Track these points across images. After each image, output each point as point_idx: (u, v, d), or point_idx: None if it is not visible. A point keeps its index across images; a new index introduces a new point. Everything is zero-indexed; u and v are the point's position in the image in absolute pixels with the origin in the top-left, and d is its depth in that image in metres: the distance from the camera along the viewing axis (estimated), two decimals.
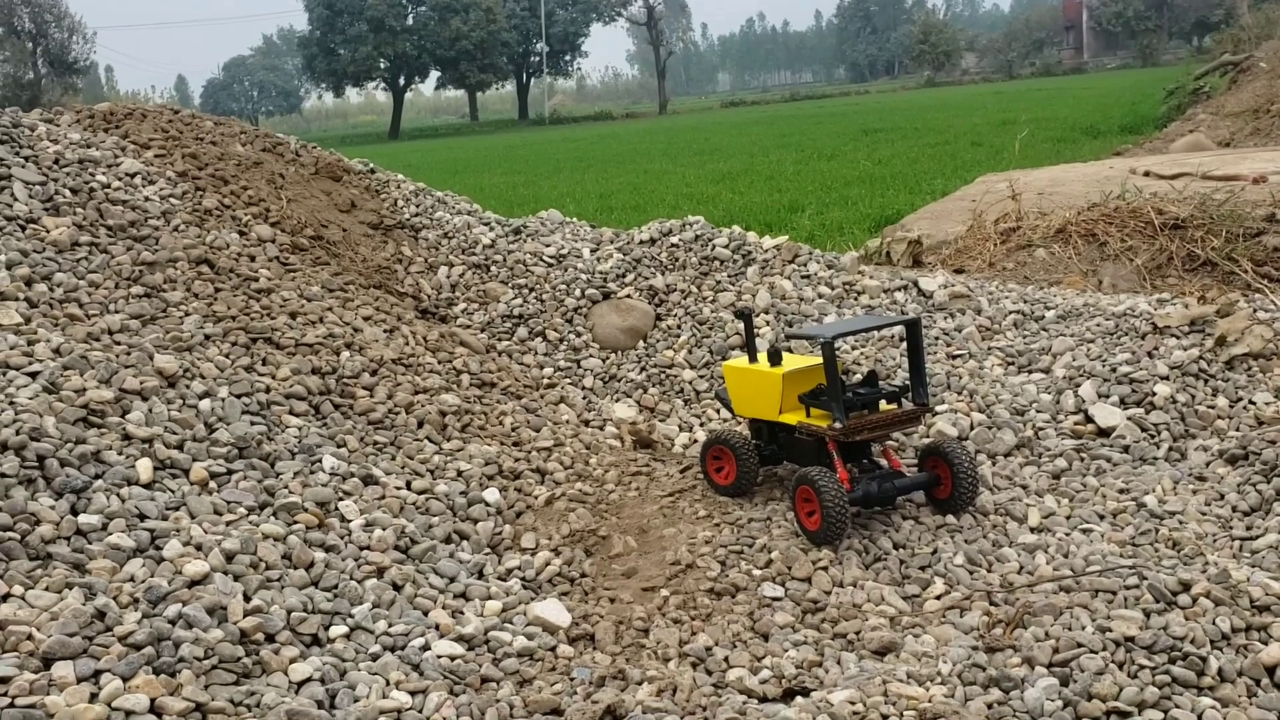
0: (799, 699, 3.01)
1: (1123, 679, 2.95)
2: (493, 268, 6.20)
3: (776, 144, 27.26)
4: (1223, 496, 4.09)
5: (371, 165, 7.09)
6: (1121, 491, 4.23)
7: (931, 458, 4.25)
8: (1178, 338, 5.17)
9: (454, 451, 4.47)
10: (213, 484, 3.74)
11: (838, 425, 4.08)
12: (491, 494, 4.25)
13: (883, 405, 4.23)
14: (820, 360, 4.28)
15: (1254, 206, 6.87)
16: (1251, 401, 4.76)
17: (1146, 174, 9.58)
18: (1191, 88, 25.39)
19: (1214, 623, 3.12)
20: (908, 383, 4.36)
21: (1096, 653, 3.03)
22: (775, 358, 4.40)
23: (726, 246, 6.27)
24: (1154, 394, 4.83)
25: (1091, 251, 6.59)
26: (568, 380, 5.59)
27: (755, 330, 5.34)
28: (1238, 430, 4.56)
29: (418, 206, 6.65)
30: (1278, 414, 4.59)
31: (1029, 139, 19.65)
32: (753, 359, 4.55)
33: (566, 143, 38.29)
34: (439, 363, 5.11)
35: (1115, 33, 73.31)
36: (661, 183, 19.67)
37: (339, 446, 4.21)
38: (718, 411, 5.32)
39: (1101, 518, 4.07)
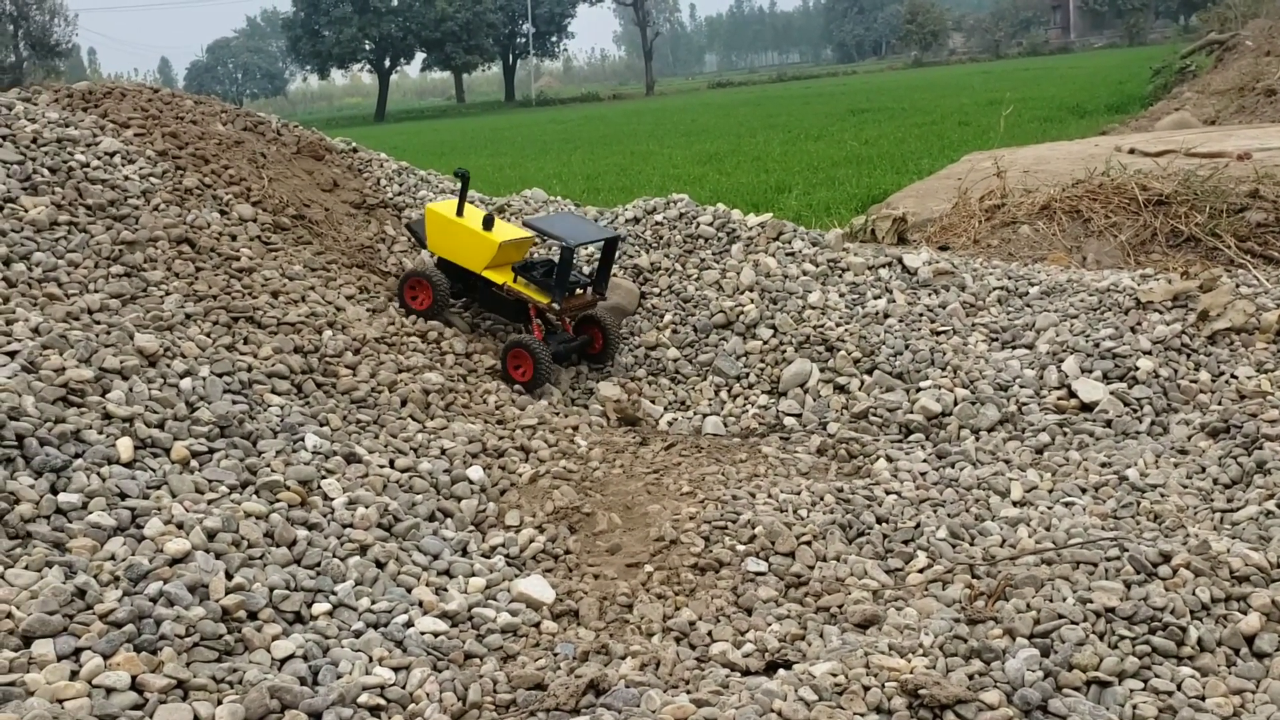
0: (781, 671, 3.01)
1: (1103, 649, 2.96)
2: None
3: (764, 125, 27.21)
4: (1204, 469, 4.11)
5: (354, 144, 7.05)
6: (1104, 465, 4.24)
7: (588, 325, 5.49)
8: (1161, 313, 5.18)
9: (437, 430, 4.46)
10: (194, 463, 3.72)
11: (556, 306, 5.21)
12: (475, 472, 4.24)
13: (577, 292, 5.37)
14: (529, 234, 5.45)
15: (1237, 183, 6.87)
16: (1233, 376, 4.78)
17: (1131, 151, 9.58)
18: (1178, 66, 25.44)
19: (1194, 593, 3.13)
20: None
21: (1077, 624, 3.04)
22: (489, 223, 5.31)
23: (711, 224, 6.26)
24: (1137, 369, 4.84)
25: (1076, 228, 6.59)
26: None
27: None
28: (1219, 404, 4.57)
29: (400, 185, 6.62)
30: (1259, 388, 4.61)
31: (1016, 119, 19.65)
32: (460, 214, 5.41)
33: (553, 124, 38.17)
34: (422, 341, 5.09)
35: (1102, 12, 73.32)
36: (648, 164, 19.63)
37: (321, 425, 4.20)
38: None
39: (1084, 491, 4.09)
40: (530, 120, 44.01)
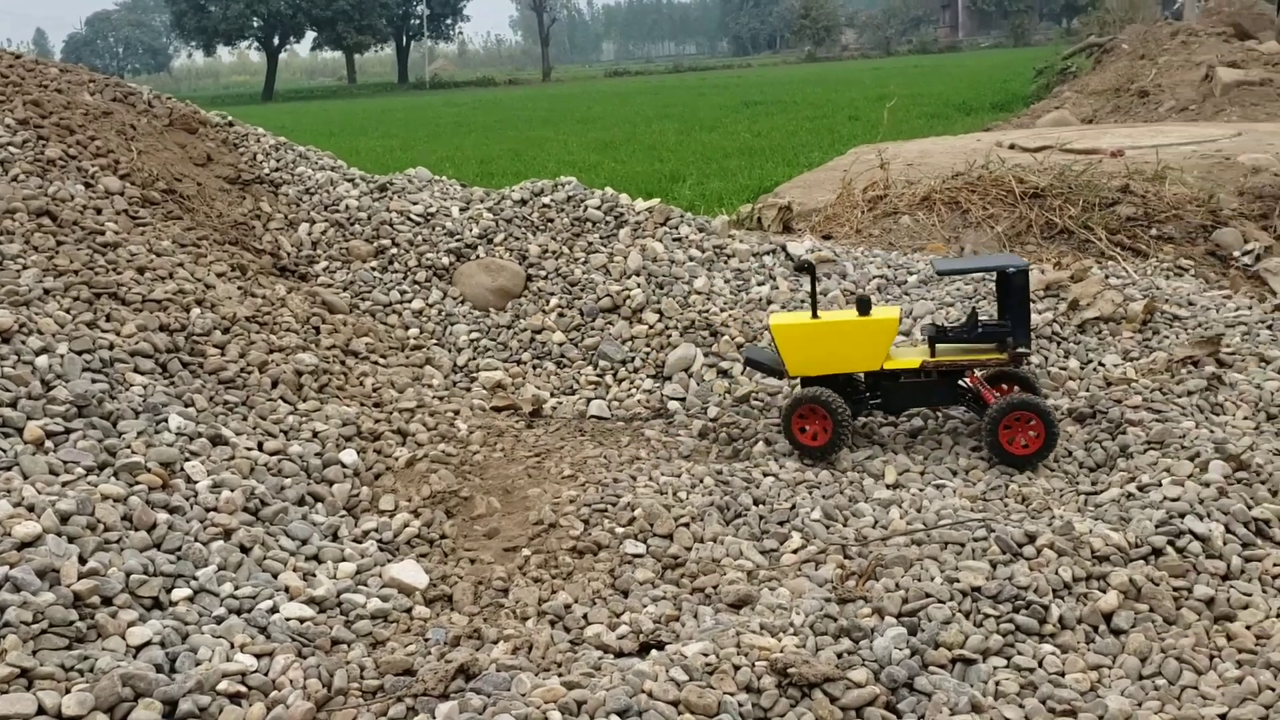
0: (654, 652, 3.00)
1: (968, 627, 3.02)
2: (356, 225, 6.03)
3: (659, 114, 27.29)
4: (1070, 453, 4.22)
5: (230, 118, 6.82)
6: (974, 449, 4.33)
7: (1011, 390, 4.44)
8: (1033, 302, 5.31)
9: (310, 412, 4.34)
10: (49, 443, 3.55)
11: (1026, 349, 4.28)
12: (349, 455, 4.14)
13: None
14: (897, 308, 4.58)
15: (1109, 178, 7.10)
16: (1101, 363, 4.94)
17: (1011, 147, 9.83)
18: (1059, 67, 26.29)
19: (1056, 573, 3.22)
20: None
21: (944, 602, 3.10)
22: (865, 307, 4.38)
23: (599, 208, 6.22)
24: None
25: (954, 219, 6.73)
26: (434, 341, 5.47)
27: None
28: (1087, 391, 4.71)
29: (278, 161, 6.43)
30: (1124, 375, 4.76)
31: (904, 115, 20.06)
32: (815, 313, 4.47)
33: (447, 107, 37.69)
34: (297, 321, 4.95)
35: (989, 12, 75.37)
36: (543, 150, 19.52)
37: (187, 406, 4.05)
38: (596, 372, 5.29)
39: (954, 474, 4.17)
40: (423, 103, 43.40)
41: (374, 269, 5.79)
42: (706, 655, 2.85)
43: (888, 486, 4.11)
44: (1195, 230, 6.58)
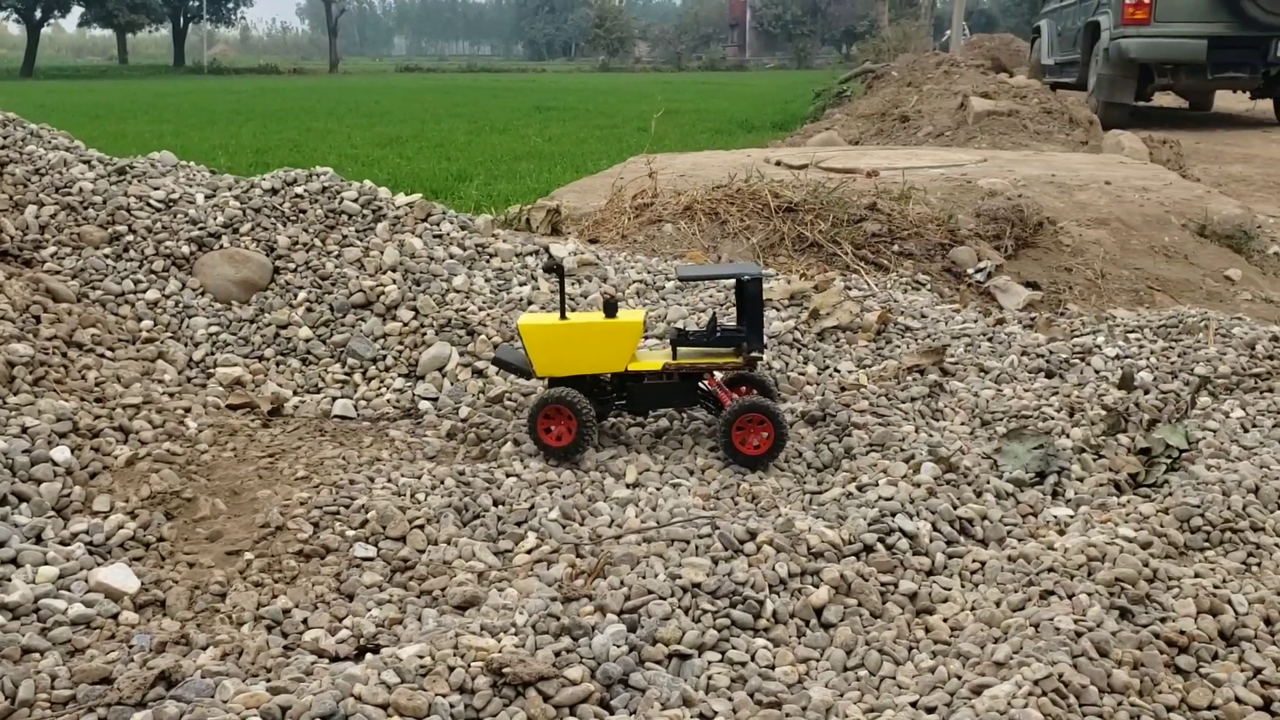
0: (370, 656, 2.94)
1: (687, 623, 3.08)
2: (90, 210, 5.67)
3: (449, 113, 27.02)
4: (801, 454, 4.39)
5: None
6: (712, 449, 4.45)
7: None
8: (778, 310, 5.52)
9: (21, 406, 4.05)
10: None
11: (759, 355, 4.43)
12: (61, 453, 3.88)
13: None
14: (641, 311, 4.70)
15: (860, 196, 7.45)
16: (837, 370, 5.17)
17: (778, 163, 10.20)
18: (836, 90, 27.55)
19: (774, 568, 3.33)
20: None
21: (665, 599, 3.15)
22: (611, 309, 4.42)
23: (356, 200, 6.06)
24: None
25: (714, 229, 6.92)
26: (169, 334, 5.19)
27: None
28: (821, 395, 4.92)
29: (5, 139, 5.96)
30: (856, 381, 5.00)
31: (690, 130, 20.61)
32: (564, 316, 4.46)
33: (225, 94, 36.14)
34: (14, 309, 4.61)
35: (775, 34, 78.13)
36: (325, 142, 19.00)
37: None
38: (346, 372, 5.15)
39: (691, 473, 4.27)
40: (200, 88, 41.47)
41: (107, 256, 5.45)
42: (422, 657, 2.81)
43: (628, 486, 4.16)
44: (934, 248, 6.99)
